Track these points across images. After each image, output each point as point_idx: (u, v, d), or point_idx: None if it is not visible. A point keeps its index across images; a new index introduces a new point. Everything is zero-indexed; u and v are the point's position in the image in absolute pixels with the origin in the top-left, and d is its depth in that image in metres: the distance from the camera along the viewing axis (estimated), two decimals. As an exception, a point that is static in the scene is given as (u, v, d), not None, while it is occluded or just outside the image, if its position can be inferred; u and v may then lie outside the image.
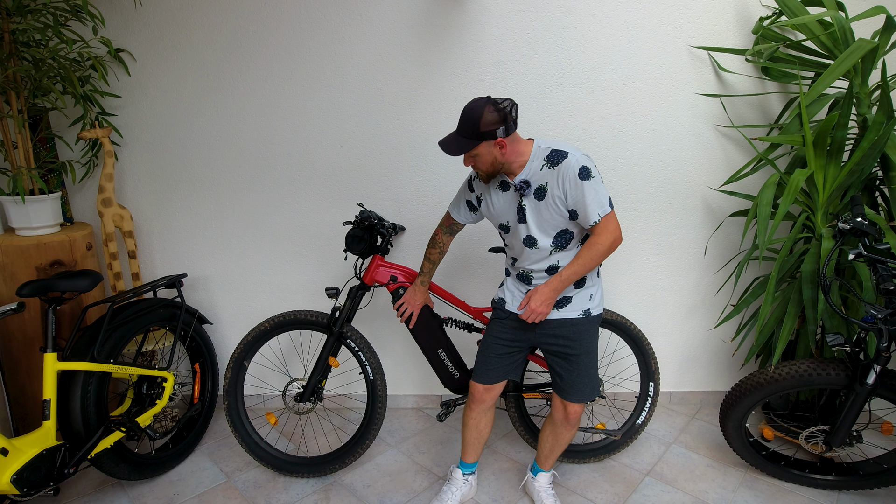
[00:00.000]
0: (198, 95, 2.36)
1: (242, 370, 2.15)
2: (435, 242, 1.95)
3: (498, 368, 1.81)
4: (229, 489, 2.10)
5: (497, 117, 1.48)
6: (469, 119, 1.50)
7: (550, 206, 1.58)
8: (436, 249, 1.95)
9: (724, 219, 2.48)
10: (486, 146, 1.53)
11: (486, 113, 1.48)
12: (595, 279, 1.74)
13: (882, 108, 1.88)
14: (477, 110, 1.49)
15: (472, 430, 1.92)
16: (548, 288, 1.62)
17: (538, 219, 1.62)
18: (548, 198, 1.57)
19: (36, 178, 2.07)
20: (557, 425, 1.86)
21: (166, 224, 2.51)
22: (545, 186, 1.57)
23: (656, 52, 2.30)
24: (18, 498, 1.65)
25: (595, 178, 1.53)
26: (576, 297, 1.70)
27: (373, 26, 2.27)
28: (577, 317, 1.71)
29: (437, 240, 1.94)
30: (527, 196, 1.61)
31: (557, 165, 1.54)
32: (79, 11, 2.08)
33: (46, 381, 1.74)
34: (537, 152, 1.58)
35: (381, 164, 2.43)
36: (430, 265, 1.97)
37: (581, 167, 1.51)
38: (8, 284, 2.04)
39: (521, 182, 1.59)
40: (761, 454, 2.10)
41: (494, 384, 1.83)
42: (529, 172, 1.58)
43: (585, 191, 1.52)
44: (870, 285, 1.86)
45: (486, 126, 1.48)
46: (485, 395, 1.85)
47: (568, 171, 1.52)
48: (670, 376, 2.74)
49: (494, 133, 1.49)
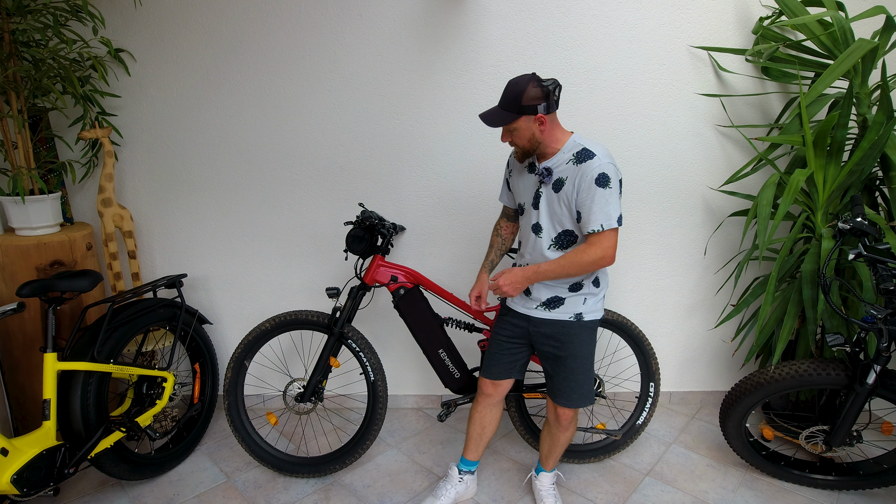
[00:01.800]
0: (198, 95, 2.36)
1: (243, 370, 2.15)
2: (495, 228, 1.99)
3: (500, 364, 1.83)
4: (229, 489, 2.10)
5: (540, 93, 1.49)
6: (512, 92, 1.51)
7: (563, 200, 1.59)
8: (494, 234, 1.98)
9: (724, 219, 2.49)
10: (526, 121, 1.53)
11: (530, 87, 1.49)
12: (592, 287, 1.70)
13: (882, 108, 1.88)
14: (521, 84, 1.50)
15: (476, 423, 1.92)
16: (522, 272, 1.63)
17: (549, 209, 1.63)
18: (563, 192, 1.58)
19: (36, 178, 2.07)
20: (552, 426, 1.88)
21: (166, 224, 2.51)
22: (564, 180, 1.57)
23: (656, 52, 2.30)
24: (18, 498, 1.65)
25: (611, 189, 1.50)
26: (568, 299, 1.69)
27: (373, 26, 2.27)
28: (567, 319, 1.70)
29: (497, 225, 1.99)
30: (546, 184, 1.62)
31: (581, 164, 1.54)
32: (79, 11, 2.07)
33: (46, 381, 1.74)
34: (571, 146, 1.58)
35: (381, 164, 2.43)
36: (490, 251, 1.98)
37: (601, 173, 1.50)
38: (8, 284, 2.04)
39: (544, 169, 1.61)
40: (761, 454, 2.10)
41: (500, 380, 1.85)
42: (556, 162, 1.60)
43: (596, 197, 1.50)
44: (870, 285, 1.87)
45: (528, 100, 1.49)
46: (492, 389, 1.87)
47: (588, 172, 1.52)
48: (670, 376, 2.74)
49: (535, 108, 1.50)
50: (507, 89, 1.53)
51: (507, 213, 1.96)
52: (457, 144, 2.39)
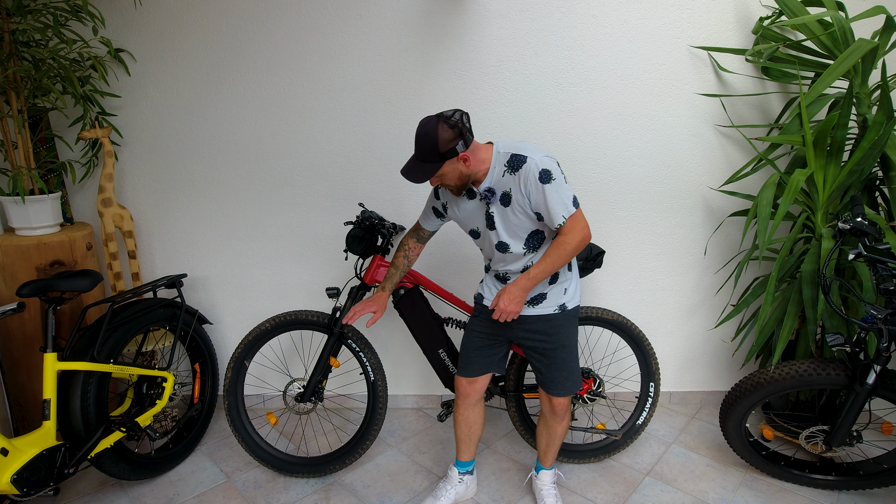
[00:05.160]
0: (198, 95, 2.36)
1: (243, 370, 2.15)
2: (402, 246, 1.93)
3: (478, 361, 1.83)
4: (229, 489, 2.10)
5: (452, 134, 1.46)
6: (426, 143, 1.47)
7: (517, 210, 1.57)
8: (401, 253, 1.92)
9: (724, 219, 2.49)
10: (450, 164, 1.51)
11: (441, 132, 1.45)
12: (567, 273, 1.73)
13: (882, 108, 1.88)
14: (431, 133, 1.46)
15: (462, 425, 1.92)
16: (516, 287, 1.60)
17: (507, 225, 1.61)
18: (513, 203, 1.57)
19: (36, 178, 2.07)
20: (547, 419, 1.89)
21: (166, 224, 2.51)
22: (509, 192, 1.56)
23: (656, 52, 2.30)
24: (18, 498, 1.65)
25: (556, 180, 1.50)
26: (550, 292, 1.71)
27: (373, 26, 2.27)
28: (552, 312, 1.71)
29: (403, 243, 1.93)
30: (493, 203, 1.60)
31: (518, 171, 1.52)
32: (79, 11, 2.07)
33: (46, 381, 1.74)
34: (497, 158, 1.56)
35: (381, 164, 2.43)
36: (394, 270, 1.92)
37: (541, 171, 1.49)
38: (8, 284, 2.04)
39: (486, 191, 1.58)
40: (761, 454, 2.10)
41: (477, 377, 1.85)
42: (492, 180, 1.57)
43: (547, 194, 1.50)
44: (870, 285, 1.87)
45: (444, 146, 1.46)
46: (469, 389, 1.86)
47: (528, 175, 1.50)
48: (670, 376, 2.74)
49: (455, 150, 1.47)
50: (419, 140, 1.48)
51: (420, 234, 1.90)
52: (457, 144, 2.38)
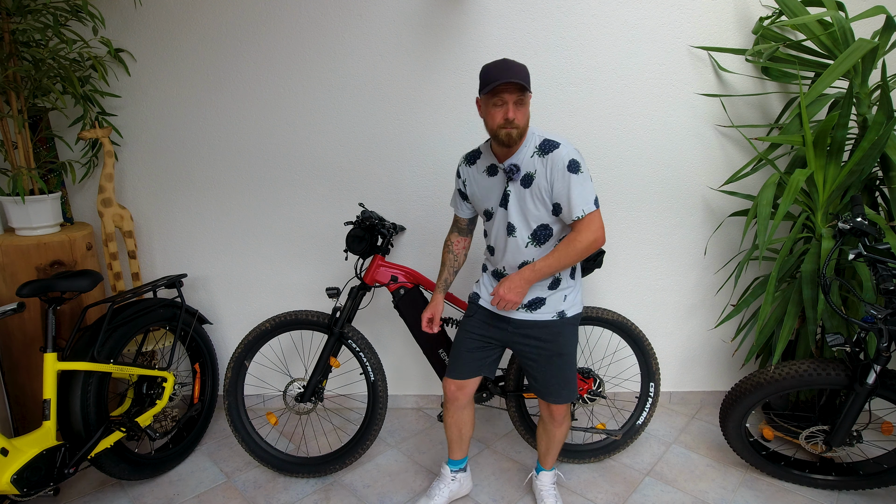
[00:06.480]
0: (198, 95, 2.36)
1: (243, 370, 2.15)
2: (445, 245, 1.91)
3: (469, 364, 1.78)
4: (229, 489, 2.10)
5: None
6: (522, 67, 1.48)
7: (535, 195, 1.55)
8: (445, 250, 1.89)
9: (724, 219, 2.49)
10: (530, 99, 1.52)
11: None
12: (570, 281, 1.69)
13: (882, 108, 1.88)
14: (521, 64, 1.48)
15: (453, 428, 1.90)
16: (519, 276, 1.57)
17: (521, 206, 1.59)
18: (534, 186, 1.55)
19: (36, 178, 2.07)
20: (546, 423, 1.86)
21: (166, 224, 2.51)
22: (533, 174, 1.54)
23: (656, 52, 2.30)
24: (18, 498, 1.65)
25: (583, 174, 1.51)
26: (549, 298, 1.67)
27: (373, 26, 2.27)
28: (550, 319, 1.68)
29: (446, 241, 1.91)
30: (514, 181, 1.58)
31: (548, 155, 1.52)
32: (79, 11, 2.08)
33: (46, 381, 1.74)
34: (531, 138, 1.56)
35: (381, 164, 2.43)
36: (442, 268, 1.89)
37: (571, 160, 1.50)
38: (8, 284, 2.04)
39: (511, 165, 1.56)
40: (761, 454, 2.10)
41: (466, 380, 1.80)
42: (521, 157, 1.56)
43: (572, 185, 1.49)
44: (870, 285, 1.86)
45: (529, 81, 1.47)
46: (457, 394, 1.82)
47: (557, 161, 1.50)
48: (670, 376, 2.74)
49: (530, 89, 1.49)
50: (516, 64, 1.48)
51: (459, 225, 1.87)
52: (457, 144, 2.38)
